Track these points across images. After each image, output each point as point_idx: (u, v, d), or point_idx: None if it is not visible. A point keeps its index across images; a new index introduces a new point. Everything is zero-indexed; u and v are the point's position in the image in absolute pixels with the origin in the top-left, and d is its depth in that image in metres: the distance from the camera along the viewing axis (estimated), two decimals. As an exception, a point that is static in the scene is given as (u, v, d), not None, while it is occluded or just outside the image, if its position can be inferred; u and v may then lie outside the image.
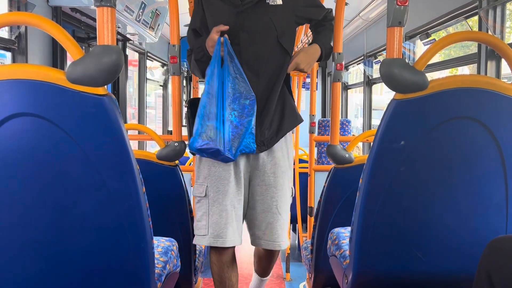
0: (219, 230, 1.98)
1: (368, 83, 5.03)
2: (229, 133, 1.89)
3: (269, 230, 2.06)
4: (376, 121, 5.04)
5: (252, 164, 2.06)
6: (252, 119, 1.93)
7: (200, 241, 2.04)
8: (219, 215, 1.99)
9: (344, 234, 2.01)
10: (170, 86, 6.19)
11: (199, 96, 2.04)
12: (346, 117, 6.22)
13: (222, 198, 1.99)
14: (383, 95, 6.57)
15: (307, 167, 3.64)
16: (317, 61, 2.14)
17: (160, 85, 6.42)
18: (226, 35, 1.93)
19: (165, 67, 6.21)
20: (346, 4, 2.52)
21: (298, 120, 2.16)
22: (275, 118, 2.06)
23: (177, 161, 2.31)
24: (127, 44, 4.50)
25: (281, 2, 2.02)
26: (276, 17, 2.00)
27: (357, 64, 5.59)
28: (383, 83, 1.46)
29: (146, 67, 5.34)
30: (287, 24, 2.04)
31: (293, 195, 2.16)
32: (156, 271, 1.57)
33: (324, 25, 2.16)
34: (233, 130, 1.90)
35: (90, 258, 1.39)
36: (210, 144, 1.87)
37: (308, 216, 3.55)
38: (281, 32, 2.01)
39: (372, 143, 1.51)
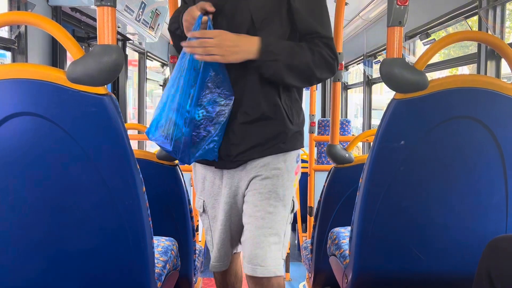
0: (219, 251, 1.78)
1: (368, 83, 5.04)
2: (189, 133, 1.52)
3: (251, 249, 1.57)
4: (376, 121, 5.04)
5: (242, 175, 1.64)
6: (223, 122, 1.54)
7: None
8: (218, 235, 1.75)
9: (344, 233, 2.01)
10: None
11: None
12: (346, 117, 6.22)
13: (218, 215, 1.74)
14: (383, 95, 6.57)
15: (307, 167, 3.64)
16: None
17: (160, 85, 6.42)
18: (210, 16, 1.53)
19: (164, 67, 6.22)
20: (346, 4, 2.53)
21: (291, 145, 1.61)
22: (251, 133, 1.58)
23: (177, 161, 2.31)
24: (127, 44, 4.49)
25: None
26: (258, 5, 1.55)
27: (357, 64, 5.59)
28: (383, 83, 1.46)
29: (146, 67, 5.34)
30: (272, 15, 1.57)
31: (294, 211, 1.68)
32: (156, 270, 1.57)
33: (313, 47, 1.56)
34: (195, 131, 1.53)
35: (90, 257, 1.39)
36: (163, 142, 1.54)
37: (307, 215, 3.55)
38: (259, 23, 1.55)
39: (372, 143, 1.51)
